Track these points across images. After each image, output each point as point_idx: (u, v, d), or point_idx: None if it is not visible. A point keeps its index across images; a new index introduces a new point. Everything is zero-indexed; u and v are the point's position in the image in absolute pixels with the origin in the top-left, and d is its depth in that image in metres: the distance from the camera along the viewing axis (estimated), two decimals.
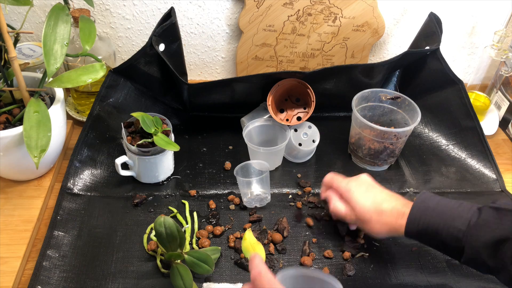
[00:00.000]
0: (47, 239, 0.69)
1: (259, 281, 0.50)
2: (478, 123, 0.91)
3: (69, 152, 0.84)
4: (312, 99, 0.85)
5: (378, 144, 0.84)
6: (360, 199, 0.66)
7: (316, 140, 0.87)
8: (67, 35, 0.67)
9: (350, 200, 0.67)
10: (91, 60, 0.83)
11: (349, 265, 0.69)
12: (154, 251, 0.70)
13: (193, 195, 0.80)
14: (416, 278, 0.69)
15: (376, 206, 0.64)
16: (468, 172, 0.89)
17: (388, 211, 0.63)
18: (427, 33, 0.95)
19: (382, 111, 0.92)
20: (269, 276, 0.50)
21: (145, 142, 0.76)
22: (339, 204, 0.69)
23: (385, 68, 0.92)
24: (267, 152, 0.82)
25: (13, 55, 0.67)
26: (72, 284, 0.65)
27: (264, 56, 1.05)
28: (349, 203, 0.67)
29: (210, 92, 0.89)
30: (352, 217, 0.67)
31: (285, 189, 0.83)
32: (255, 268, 0.51)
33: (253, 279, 0.51)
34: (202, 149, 0.90)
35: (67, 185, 0.78)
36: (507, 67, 1.00)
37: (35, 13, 0.98)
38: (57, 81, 0.70)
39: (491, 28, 1.07)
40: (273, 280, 0.50)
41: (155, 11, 0.99)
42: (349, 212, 0.67)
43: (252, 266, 0.52)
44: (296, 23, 1.00)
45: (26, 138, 0.66)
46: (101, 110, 0.85)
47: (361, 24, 1.01)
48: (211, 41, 1.05)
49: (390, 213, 0.63)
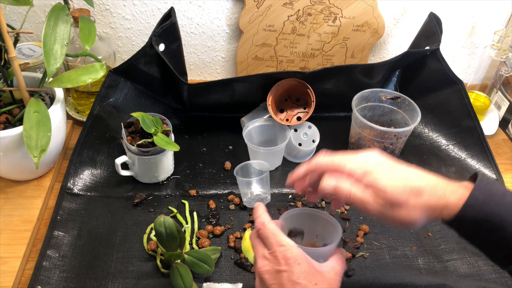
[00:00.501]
0: (47, 239, 0.69)
1: (263, 231, 0.51)
2: (478, 123, 0.92)
3: (69, 152, 0.84)
4: (312, 99, 0.85)
5: (378, 144, 0.84)
6: (388, 179, 0.49)
7: (316, 140, 0.87)
8: (67, 35, 0.67)
9: (374, 182, 0.49)
10: (91, 60, 0.83)
11: (349, 265, 0.69)
12: (154, 251, 0.70)
13: (193, 195, 0.80)
14: (416, 278, 0.69)
15: (412, 186, 0.49)
16: (468, 172, 0.89)
17: (429, 190, 0.49)
18: (427, 33, 0.95)
19: (382, 111, 0.92)
20: (272, 225, 0.51)
21: (145, 142, 0.76)
22: (357, 190, 0.50)
23: (385, 68, 0.92)
24: (267, 152, 0.82)
25: (13, 55, 0.67)
26: (72, 284, 0.65)
27: (264, 56, 1.05)
28: (370, 187, 0.50)
29: (210, 92, 0.89)
30: (377, 205, 0.50)
31: (285, 189, 0.83)
32: (258, 218, 0.52)
33: (256, 229, 0.52)
34: (202, 149, 0.90)
35: (67, 185, 0.78)
36: (507, 67, 1.00)
37: (35, 13, 0.98)
38: (57, 81, 0.70)
39: (491, 28, 1.07)
40: (276, 229, 0.51)
41: (155, 11, 0.99)
42: (373, 199, 0.49)
43: (256, 215, 0.53)
44: (296, 23, 1.00)
45: (26, 138, 0.66)
46: (101, 110, 0.85)
47: (361, 24, 1.01)
48: (211, 41, 1.05)
49: (432, 193, 0.49)
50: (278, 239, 0.49)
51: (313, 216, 0.58)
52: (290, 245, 0.49)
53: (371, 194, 0.50)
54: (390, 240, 0.75)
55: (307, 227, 0.59)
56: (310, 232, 0.59)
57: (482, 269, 0.71)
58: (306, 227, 0.59)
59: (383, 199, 0.49)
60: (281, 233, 0.50)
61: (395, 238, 0.75)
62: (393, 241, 0.75)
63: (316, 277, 0.48)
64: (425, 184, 0.49)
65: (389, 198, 0.49)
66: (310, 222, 0.58)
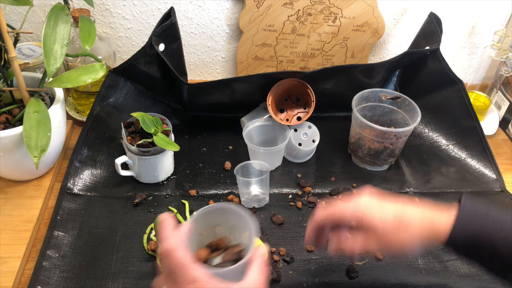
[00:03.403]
0: (47, 239, 0.69)
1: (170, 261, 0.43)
2: (478, 123, 0.92)
3: (69, 152, 0.84)
4: (312, 99, 0.85)
5: (378, 144, 0.84)
6: (378, 219, 0.52)
7: (316, 140, 0.87)
8: (67, 35, 0.67)
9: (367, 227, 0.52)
10: (91, 60, 0.83)
11: (353, 267, 0.69)
12: (154, 251, 0.70)
13: (193, 195, 0.80)
14: (416, 278, 0.69)
15: (400, 221, 0.52)
16: (468, 172, 0.89)
17: (416, 223, 0.52)
18: (427, 33, 0.95)
19: (382, 111, 0.92)
20: (181, 253, 0.43)
21: (145, 142, 0.76)
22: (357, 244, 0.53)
23: (385, 68, 0.92)
24: (267, 152, 0.82)
25: (13, 55, 0.67)
26: (72, 284, 0.65)
27: (264, 56, 1.05)
28: (363, 228, 0.53)
29: (210, 92, 0.89)
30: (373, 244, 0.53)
31: (285, 189, 0.83)
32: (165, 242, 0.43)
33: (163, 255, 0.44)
34: (202, 149, 0.90)
35: (67, 185, 0.78)
36: (507, 67, 1.00)
37: (35, 13, 0.98)
38: (57, 81, 0.70)
39: (491, 28, 1.07)
40: (186, 258, 0.43)
41: (155, 11, 0.99)
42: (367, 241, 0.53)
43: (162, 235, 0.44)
44: (296, 23, 1.00)
45: (26, 138, 0.66)
46: (101, 110, 0.85)
47: (361, 24, 1.01)
48: (211, 41, 1.05)
49: (419, 224, 0.52)
50: (188, 273, 0.42)
51: (223, 211, 0.52)
52: (203, 279, 0.42)
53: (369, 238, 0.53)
54: None
55: (220, 222, 0.53)
56: (224, 226, 0.53)
57: (482, 269, 0.71)
58: (220, 222, 0.53)
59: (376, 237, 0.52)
60: (191, 263, 0.43)
61: None
62: None
63: None
64: (411, 218, 0.52)
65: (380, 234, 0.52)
66: (221, 217, 0.53)
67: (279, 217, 0.76)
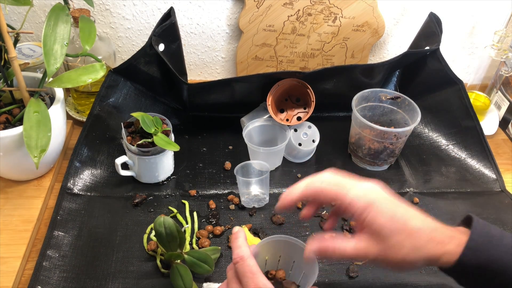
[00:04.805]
0: (47, 239, 0.69)
1: (241, 267, 0.46)
2: (478, 123, 0.92)
3: (69, 152, 0.84)
4: (312, 99, 0.85)
5: (378, 144, 0.84)
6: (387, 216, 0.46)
7: (316, 140, 0.87)
8: (67, 35, 0.67)
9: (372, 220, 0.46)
10: (91, 60, 0.83)
11: (353, 267, 0.69)
12: (154, 251, 0.70)
13: (193, 195, 0.80)
14: (416, 278, 0.69)
15: (411, 227, 0.46)
16: (468, 172, 0.89)
17: (427, 234, 0.46)
18: (427, 33, 0.95)
19: (382, 111, 0.92)
20: (252, 262, 0.46)
21: (145, 142, 0.76)
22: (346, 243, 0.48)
23: (385, 68, 0.92)
24: (267, 152, 0.82)
25: (13, 55, 0.67)
26: (72, 284, 0.65)
27: (264, 56, 1.05)
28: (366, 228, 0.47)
29: (210, 92, 0.89)
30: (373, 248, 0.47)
31: (285, 189, 0.83)
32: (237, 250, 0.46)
33: (234, 262, 0.47)
34: (202, 149, 0.90)
35: (67, 185, 0.78)
36: (507, 67, 1.00)
37: (35, 13, 0.98)
38: (57, 81, 0.70)
39: (491, 28, 1.07)
40: (256, 267, 0.46)
41: (155, 11, 0.99)
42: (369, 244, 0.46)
43: (235, 245, 0.47)
44: (296, 23, 1.00)
45: (26, 138, 0.66)
46: (101, 110, 0.85)
47: (361, 24, 1.01)
48: (211, 41, 1.05)
49: (429, 237, 0.46)
50: (256, 281, 0.45)
51: (291, 245, 0.55)
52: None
53: (367, 238, 0.47)
54: None
55: (284, 254, 0.57)
56: (286, 259, 0.57)
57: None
58: (283, 254, 0.57)
59: (377, 240, 0.46)
60: (260, 272, 0.46)
61: None
62: None
63: None
64: (422, 226, 0.46)
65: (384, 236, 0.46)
66: (287, 249, 0.55)
67: (279, 217, 0.76)
